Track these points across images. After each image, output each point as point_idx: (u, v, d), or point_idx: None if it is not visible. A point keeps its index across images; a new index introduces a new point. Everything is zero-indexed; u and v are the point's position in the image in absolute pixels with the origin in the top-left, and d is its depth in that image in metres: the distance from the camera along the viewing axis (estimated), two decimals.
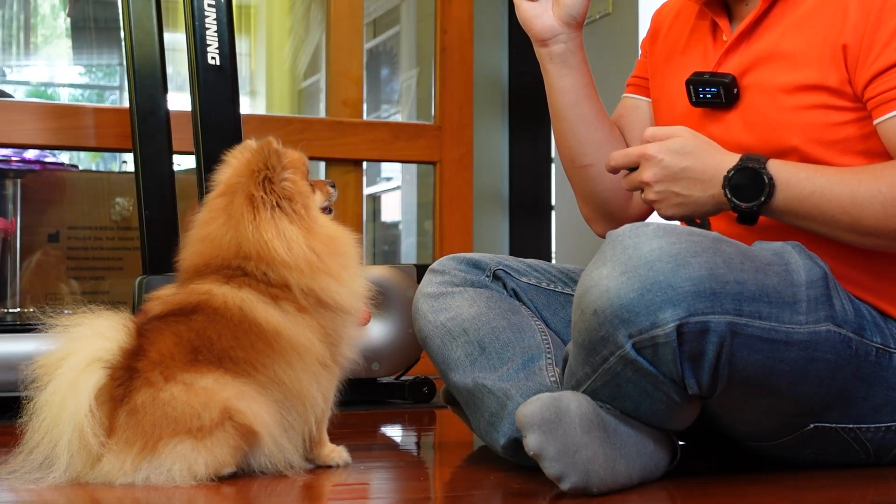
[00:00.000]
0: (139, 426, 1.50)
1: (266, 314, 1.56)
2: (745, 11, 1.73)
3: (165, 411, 1.50)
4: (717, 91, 1.68)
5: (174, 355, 1.54)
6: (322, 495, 1.56)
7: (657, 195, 1.60)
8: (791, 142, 1.62)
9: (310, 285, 1.59)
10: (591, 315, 1.46)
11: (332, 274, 1.61)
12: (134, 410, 1.51)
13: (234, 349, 1.55)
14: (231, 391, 1.52)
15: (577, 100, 1.82)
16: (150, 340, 1.55)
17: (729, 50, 1.71)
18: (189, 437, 1.50)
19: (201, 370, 1.53)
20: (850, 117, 1.61)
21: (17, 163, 3.20)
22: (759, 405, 1.55)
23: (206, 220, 1.64)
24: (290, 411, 1.58)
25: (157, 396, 1.51)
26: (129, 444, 1.50)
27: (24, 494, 1.52)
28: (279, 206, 1.60)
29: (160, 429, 1.50)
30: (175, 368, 1.52)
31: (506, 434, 1.63)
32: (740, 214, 1.57)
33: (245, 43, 6.30)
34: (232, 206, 1.61)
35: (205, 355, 1.54)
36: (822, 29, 1.62)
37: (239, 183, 1.61)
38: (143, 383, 1.52)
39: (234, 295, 1.57)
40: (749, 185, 1.55)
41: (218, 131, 2.64)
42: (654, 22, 1.96)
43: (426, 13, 5.00)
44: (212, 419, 1.50)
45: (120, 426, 1.51)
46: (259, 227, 1.58)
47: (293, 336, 1.57)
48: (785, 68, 1.64)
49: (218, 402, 1.51)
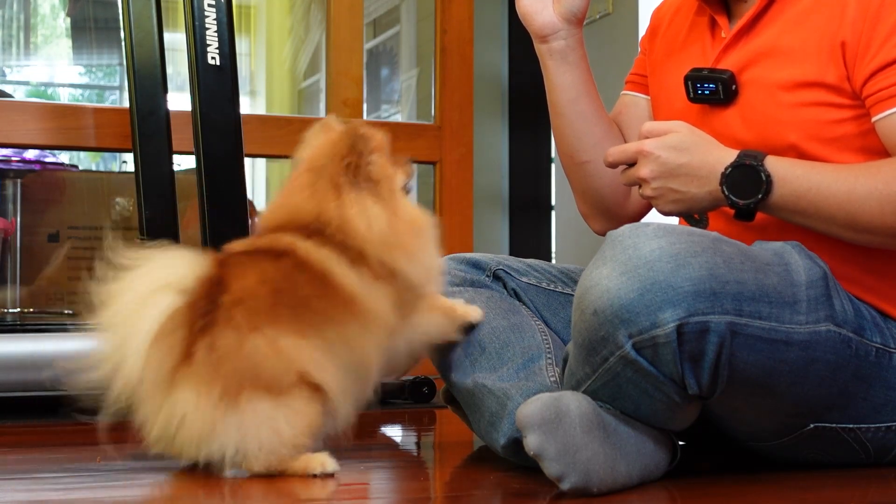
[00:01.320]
0: (220, 367, 1.47)
1: (344, 274, 1.56)
2: (743, 9, 1.73)
3: (249, 363, 1.48)
4: (716, 87, 1.69)
5: (257, 295, 1.52)
6: (322, 495, 1.56)
7: (654, 191, 1.60)
8: (789, 138, 1.62)
9: (383, 258, 1.59)
10: (591, 315, 1.46)
11: (408, 251, 1.62)
12: (214, 348, 1.48)
13: (315, 298, 1.54)
14: (307, 355, 1.51)
15: (576, 96, 1.82)
16: (233, 273, 1.54)
17: (727, 46, 1.72)
18: (268, 395, 1.48)
19: (283, 323, 1.51)
20: (848, 114, 1.61)
21: (17, 163, 3.20)
22: (760, 405, 1.55)
23: (289, 193, 1.64)
24: (351, 376, 1.58)
25: (243, 344, 1.48)
26: (209, 383, 1.47)
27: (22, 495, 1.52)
28: (365, 189, 1.60)
29: (242, 380, 1.47)
30: (260, 316, 1.50)
31: (506, 434, 1.63)
32: (737, 211, 1.57)
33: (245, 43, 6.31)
34: (316, 184, 1.61)
35: (286, 299, 1.52)
36: (820, 26, 1.62)
37: (324, 165, 1.61)
38: (226, 322, 1.49)
39: (316, 251, 1.56)
40: (746, 182, 1.55)
41: (218, 131, 2.64)
42: (654, 20, 1.96)
43: (426, 13, 5.00)
44: (290, 381, 1.49)
45: (199, 359, 1.48)
46: (343, 205, 1.59)
47: (367, 301, 1.57)
48: (783, 65, 1.64)
49: (296, 363, 1.50)
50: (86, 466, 1.65)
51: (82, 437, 2.03)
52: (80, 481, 1.61)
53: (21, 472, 1.75)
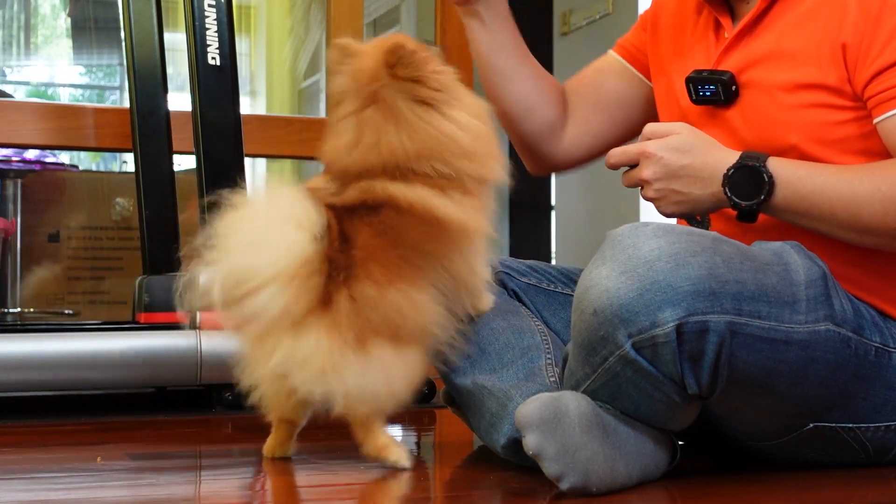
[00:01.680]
0: (360, 315, 1.50)
1: (443, 206, 1.58)
2: (746, 9, 1.73)
3: (388, 314, 1.51)
4: (716, 89, 1.69)
5: (380, 248, 1.53)
6: (322, 495, 1.56)
7: (657, 193, 1.60)
8: (790, 140, 1.62)
9: (481, 172, 1.61)
10: (590, 315, 1.46)
11: (496, 157, 1.64)
12: (356, 299, 1.50)
13: (425, 242, 1.56)
14: (431, 310, 1.55)
15: (499, 46, 1.87)
16: (350, 227, 1.54)
17: (728, 47, 1.71)
18: (392, 344, 1.52)
19: (409, 278, 1.54)
20: (849, 116, 1.61)
21: (18, 163, 3.20)
22: (759, 405, 1.55)
23: (347, 130, 1.62)
24: (455, 302, 1.61)
25: (384, 296, 1.51)
26: (346, 328, 1.49)
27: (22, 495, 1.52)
28: (439, 100, 1.61)
29: (378, 327, 1.50)
30: (392, 270, 1.52)
31: (506, 434, 1.63)
32: (740, 212, 1.57)
33: (245, 43, 6.31)
34: (383, 113, 1.59)
35: (402, 250, 1.54)
36: (821, 27, 1.62)
37: (382, 88, 1.59)
38: (367, 276, 1.51)
39: (411, 192, 1.57)
40: (749, 184, 1.55)
41: (218, 131, 2.64)
42: (654, 4, 1.94)
43: (426, 13, 4.99)
44: (413, 334, 1.54)
45: (339, 306, 1.50)
46: (433, 123, 1.59)
47: (467, 222, 1.59)
48: (784, 66, 1.64)
49: (425, 317, 1.54)
50: (86, 466, 1.66)
51: (82, 437, 2.03)
52: (80, 481, 1.61)
53: (21, 472, 1.75)
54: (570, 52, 4.29)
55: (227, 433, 2.16)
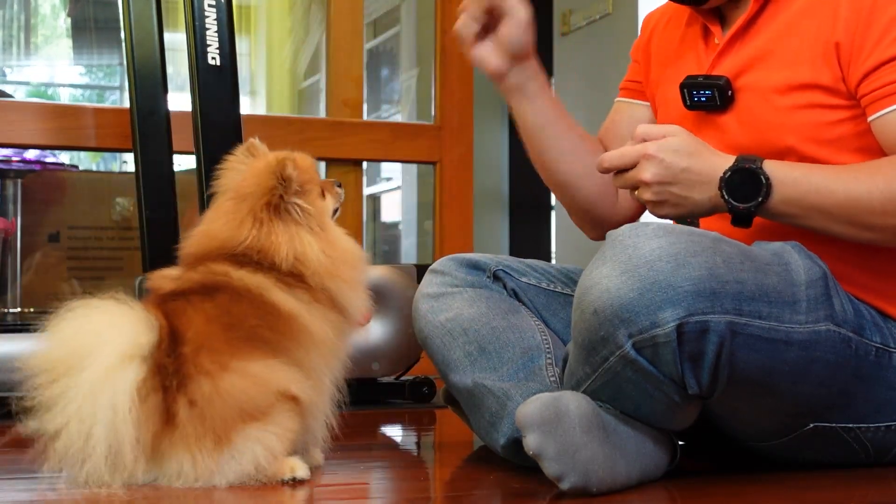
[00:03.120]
0: (206, 418, 1.48)
1: (283, 299, 1.56)
2: (736, 15, 1.73)
3: (230, 402, 1.48)
4: (712, 94, 1.68)
5: (212, 335, 1.51)
6: (322, 495, 1.56)
7: (655, 195, 1.59)
8: (787, 142, 1.62)
9: (326, 284, 1.60)
10: (591, 315, 1.46)
11: (346, 280, 1.62)
12: (195, 402, 1.48)
13: (260, 328, 1.54)
14: (280, 374, 1.52)
15: (543, 124, 1.83)
16: (181, 321, 1.53)
17: (722, 52, 1.71)
18: (254, 421, 1.49)
19: (245, 353, 1.51)
20: (844, 115, 1.61)
21: (18, 163, 3.20)
22: (759, 405, 1.55)
23: (213, 219, 1.63)
24: (316, 394, 1.58)
25: (220, 387, 1.48)
26: (200, 437, 1.48)
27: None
28: (295, 222, 1.60)
29: (231, 419, 1.48)
30: (223, 354, 1.50)
31: (506, 434, 1.64)
32: (736, 216, 1.56)
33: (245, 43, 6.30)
34: (241, 210, 1.60)
35: (237, 333, 1.52)
36: (813, 28, 1.62)
37: (251, 193, 1.60)
38: (197, 372, 1.49)
39: (250, 278, 1.56)
40: (746, 186, 1.55)
41: (218, 131, 2.64)
42: (644, 29, 1.96)
43: (426, 13, 4.99)
44: (269, 402, 1.50)
45: (183, 420, 1.48)
46: (272, 232, 1.58)
47: (309, 322, 1.57)
48: (778, 68, 1.64)
49: (272, 385, 1.50)
50: None
51: None
52: None
53: (21, 472, 1.75)
54: (570, 52, 4.29)
55: None
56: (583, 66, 4.16)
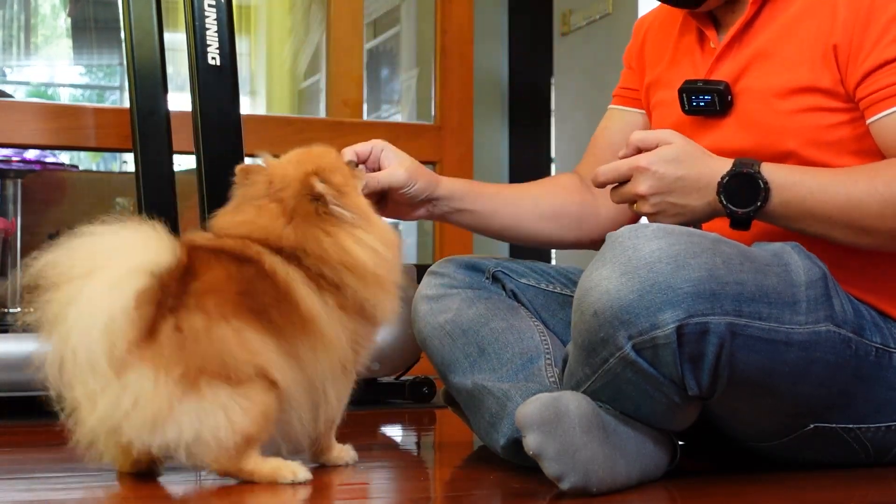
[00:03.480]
0: (185, 349, 1.43)
1: (307, 296, 1.54)
2: (732, 18, 1.72)
3: (214, 349, 1.45)
4: (712, 99, 1.67)
5: (225, 289, 1.49)
6: (322, 495, 1.56)
7: (654, 207, 1.57)
8: (788, 145, 1.62)
9: (366, 296, 1.58)
10: (590, 316, 1.46)
11: (386, 289, 1.61)
12: (181, 329, 1.44)
13: (273, 309, 1.51)
14: (268, 352, 1.49)
15: (482, 222, 1.85)
16: (202, 264, 1.50)
17: (720, 57, 1.71)
18: (227, 383, 1.45)
19: (248, 318, 1.48)
20: (843, 118, 1.61)
21: (18, 163, 3.20)
22: (760, 406, 1.55)
23: (257, 214, 1.58)
24: (302, 394, 1.55)
25: (211, 330, 1.45)
26: (171, 364, 1.42)
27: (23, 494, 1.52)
28: (343, 224, 1.58)
29: (206, 364, 1.44)
30: (228, 307, 1.47)
31: (506, 434, 1.64)
32: (735, 220, 1.56)
33: (245, 43, 6.30)
34: (282, 209, 1.57)
35: (249, 302, 1.50)
36: (812, 30, 1.61)
37: (291, 195, 1.57)
38: (196, 307, 1.46)
39: (282, 267, 1.54)
40: (744, 191, 1.54)
41: (218, 131, 2.64)
42: (636, 34, 1.95)
43: (426, 13, 4.99)
44: (249, 373, 1.47)
45: (163, 338, 1.43)
46: (333, 235, 1.57)
47: (325, 326, 1.55)
48: (777, 72, 1.64)
49: (258, 357, 1.47)
50: (86, 466, 1.65)
51: None
52: (79, 481, 1.61)
53: (21, 472, 1.75)
54: (570, 52, 4.28)
55: None
56: (583, 66, 4.16)
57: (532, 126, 5.16)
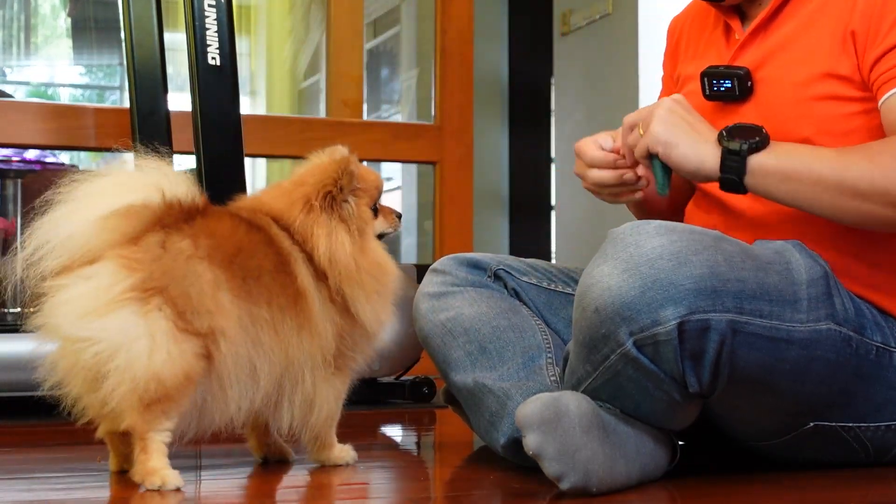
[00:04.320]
0: (156, 261, 1.43)
1: (305, 276, 1.58)
2: (757, 11, 1.74)
3: (185, 281, 1.44)
4: (731, 83, 1.69)
5: (225, 242, 1.51)
6: (322, 495, 1.56)
7: (659, 116, 1.57)
8: (804, 133, 1.62)
9: (342, 287, 1.61)
10: (592, 313, 1.46)
11: (364, 289, 1.63)
12: (164, 246, 1.45)
13: (269, 275, 1.53)
14: (230, 317, 1.47)
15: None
16: (213, 213, 1.55)
17: (742, 46, 1.72)
18: (174, 321, 1.41)
19: (234, 278, 1.49)
20: (858, 108, 1.61)
21: (18, 163, 3.20)
22: (760, 404, 1.55)
23: (269, 192, 1.68)
24: (266, 370, 1.53)
25: (192, 261, 1.45)
26: (133, 267, 1.42)
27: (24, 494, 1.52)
28: (340, 218, 1.63)
29: (167, 287, 1.42)
30: (220, 255, 1.49)
31: (506, 434, 1.64)
32: (729, 162, 1.54)
33: (245, 43, 6.30)
34: (292, 193, 1.63)
35: (244, 260, 1.52)
36: (832, 19, 1.63)
37: (307, 182, 1.64)
38: (191, 237, 1.48)
39: (289, 244, 1.59)
40: (745, 131, 1.55)
41: (218, 131, 2.64)
42: (670, 36, 1.96)
43: (426, 13, 5.00)
44: (198, 326, 1.43)
45: (142, 244, 1.44)
46: (317, 223, 1.61)
47: (315, 308, 1.58)
48: (798, 61, 1.65)
49: (215, 316, 1.45)
50: (86, 466, 1.66)
51: (82, 437, 2.03)
52: (80, 481, 1.61)
53: (21, 472, 1.75)
54: (570, 52, 4.28)
55: (227, 433, 2.16)
56: (583, 66, 4.15)
57: (532, 126, 5.16)
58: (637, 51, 3.71)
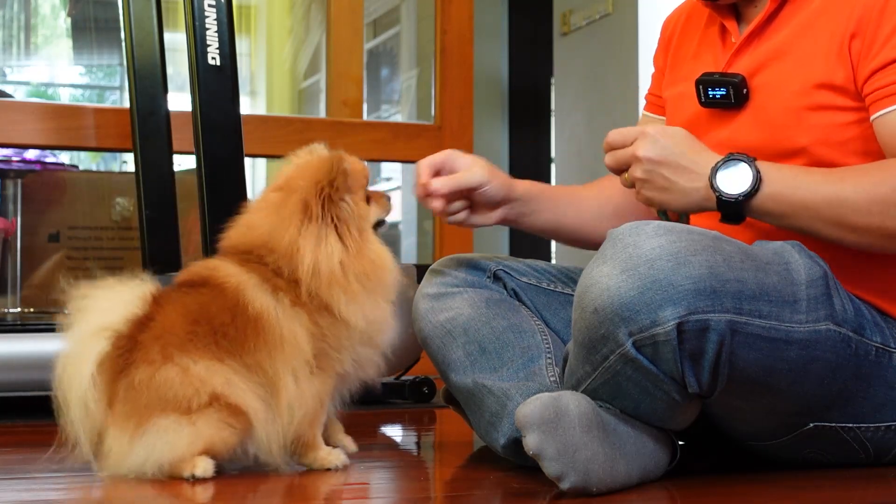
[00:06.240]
0: (136, 403, 1.54)
1: (256, 298, 1.58)
2: (753, 13, 1.73)
3: (159, 392, 1.53)
4: (727, 91, 1.68)
5: (176, 327, 1.56)
6: (322, 495, 1.56)
7: (644, 173, 1.57)
8: (800, 142, 1.62)
9: (318, 291, 1.60)
10: (591, 313, 1.46)
11: (348, 291, 1.62)
12: (132, 386, 1.54)
13: (228, 326, 1.57)
14: (221, 378, 1.55)
15: (550, 226, 1.88)
16: (160, 310, 1.59)
17: (738, 51, 1.71)
18: (172, 413, 1.53)
19: (197, 351, 1.55)
20: (853, 118, 1.61)
21: (18, 163, 3.20)
22: (759, 404, 1.55)
23: (256, 209, 1.67)
24: (272, 400, 1.59)
25: (154, 377, 1.54)
26: (127, 418, 1.54)
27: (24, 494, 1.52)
28: (333, 224, 1.62)
29: (151, 408, 1.53)
30: (173, 347, 1.55)
31: (506, 434, 1.64)
32: (726, 209, 1.55)
33: (245, 43, 6.31)
34: (285, 204, 1.62)
35: (203, 328, 1.57)
36: (829, 27, 1.62)
37: (299, 186, 1.62)
38: (142, 358, 1.55)
39: (236, 275, 1.60)
40: (736, 176, 1.54)
41: (218, 131, 2.64)
42: (663, 32, 1.95)
43: (426, 13, 5.00)
44: (199, 402, 1.54)
45: (119, 399, 1.55)
46: (300, 234, 1.60)
47: (276, 326, 1.58)
48: (794, 69, 1.64)
49: (208, 387, 1.54)
50: (85, 466, 1.65)
51: None
52: (79, 481, 1.61)
53: (21, 472, 1.75)
54: (570, 52, 4.28)
55: None
56: (583, 66, 4.16)
57: (532, 126, 5.16)
58: (637, 51, 3.72)
